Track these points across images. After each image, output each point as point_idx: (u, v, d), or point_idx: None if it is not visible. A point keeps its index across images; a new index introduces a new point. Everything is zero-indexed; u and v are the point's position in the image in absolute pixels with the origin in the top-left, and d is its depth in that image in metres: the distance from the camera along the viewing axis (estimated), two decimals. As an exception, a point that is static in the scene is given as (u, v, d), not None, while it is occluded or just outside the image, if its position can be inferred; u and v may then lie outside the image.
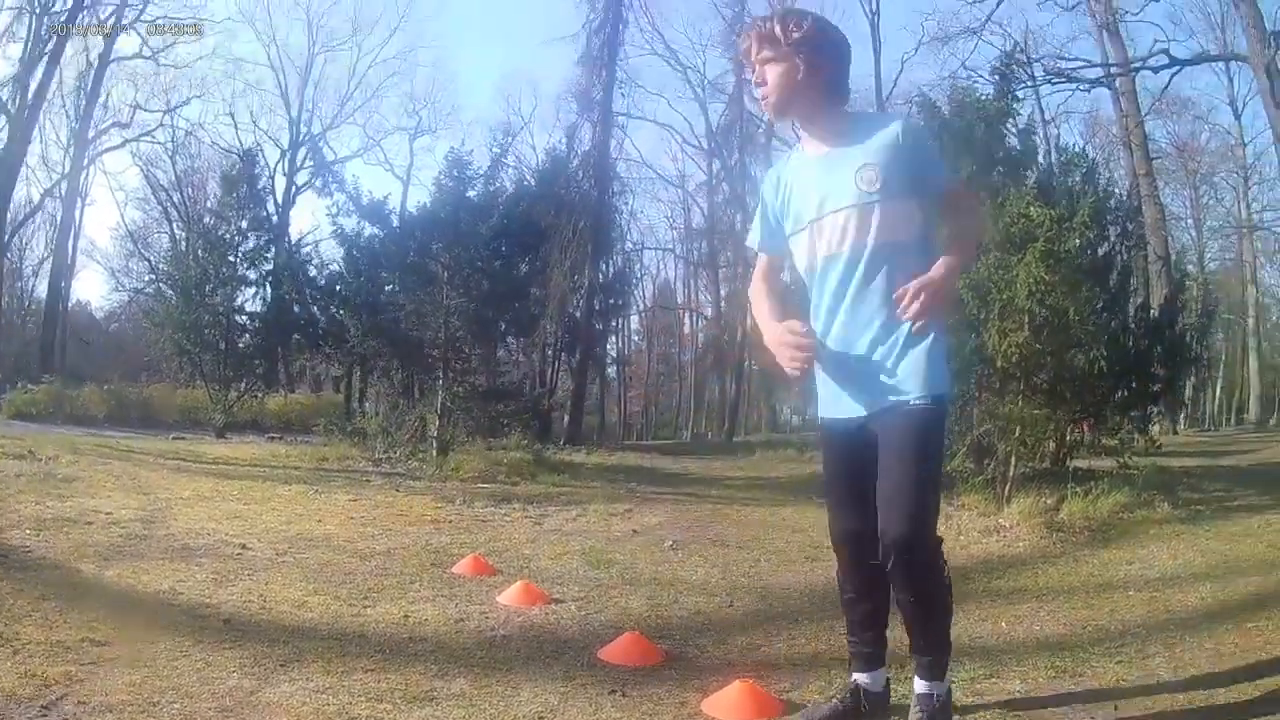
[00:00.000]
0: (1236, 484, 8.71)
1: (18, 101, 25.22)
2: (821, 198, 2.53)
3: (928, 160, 2.55)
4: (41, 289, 37.06)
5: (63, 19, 24.57)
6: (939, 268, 2.39)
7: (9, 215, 26.95)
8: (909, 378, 2.46)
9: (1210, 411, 35.38)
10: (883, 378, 2.48)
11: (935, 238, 2.60)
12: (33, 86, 25.05)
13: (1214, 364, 32.72)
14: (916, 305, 2.34)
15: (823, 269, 2.56)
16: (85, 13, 25.44)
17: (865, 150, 2.48)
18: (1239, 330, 34.22)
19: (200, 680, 2.83)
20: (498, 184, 12.92)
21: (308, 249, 20.13)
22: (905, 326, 2.42)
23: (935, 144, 2.78)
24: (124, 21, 27.30)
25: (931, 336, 2.45)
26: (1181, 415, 20.92)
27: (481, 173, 12.64)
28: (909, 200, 2.48)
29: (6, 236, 27.98)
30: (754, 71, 2.58)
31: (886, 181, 2.44)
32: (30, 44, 25.18)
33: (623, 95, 22.66)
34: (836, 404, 2.63)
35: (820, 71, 2.50)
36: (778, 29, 2.51)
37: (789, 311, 2.69)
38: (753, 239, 2.84)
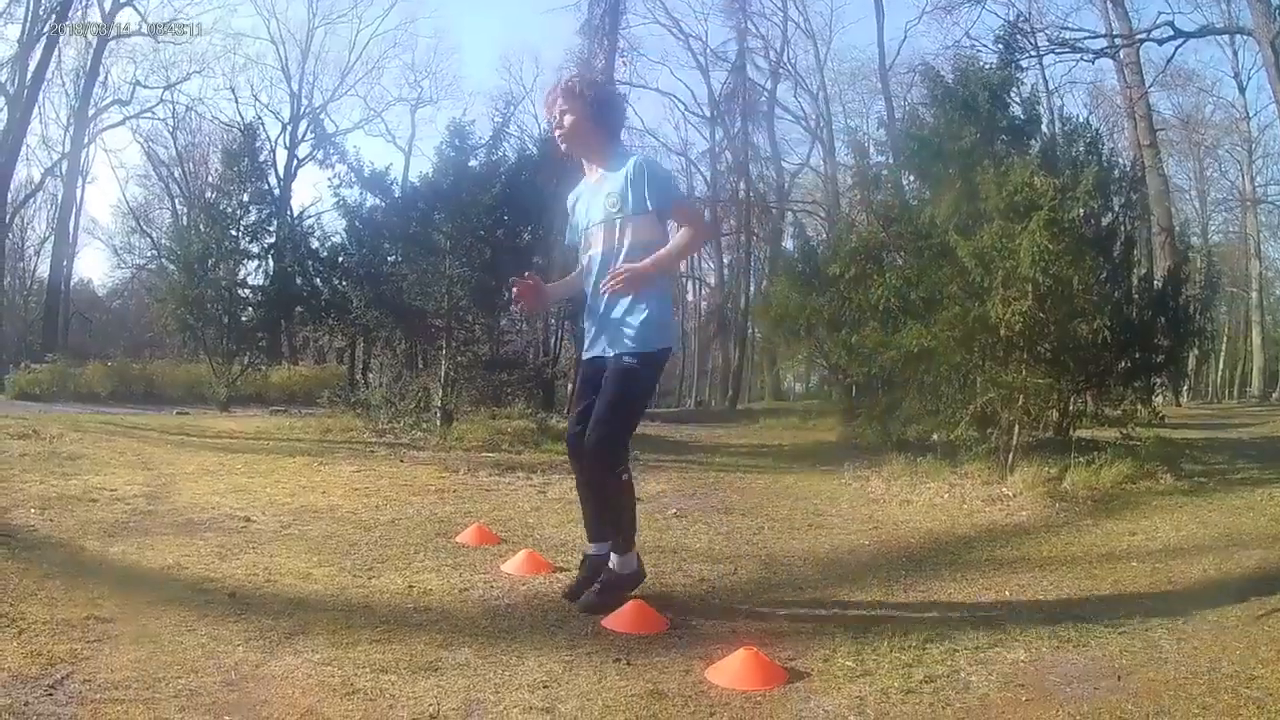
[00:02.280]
0: (1239, 457, 8.72)
1: (17, 81, 25.09)
2: (588, 214, 3.67)
3: (656, 188, 3.49)
4: (44, 268, 37.12)
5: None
6: (647, 260, 3.43)
7: (10, 195, 26.88)
8: (625, 340, 3.52)
9: (1213, 384, 35.35)
10: (612, 335, 3.57)
11: (666, 232, 3.59)
12: (32, 66, 24.92)
13: (1217, 337, 32.63)
14: (613, 282, 3.41)
15: (589, 263, 3.69)
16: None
17: (614, 180, 3.53)
18: (1242, 304, 34.19)
19: (206, 654, 2.84)
20: (500, 153, 12.76)
21: (310, 221, 20.06)
22: (638, 306, 3.50)
23: (665, 173, 3.70)
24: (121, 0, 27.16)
25: (647, 312, 3.50)
26: (1184, 387, 20.95)
27: (484, 142, 12.50)
28: (645, 216, 3.50)
29: (8, 216, 27.93)
30: (555, 118, 3.61)
31: (622, 205, 3.50)
32: (29, 23, 25.01)
33: (625, 64, 22.61)
34: (590, 349, 3.72)
35: (600, 122, 3.59)
36: (576, 88, 3.59)
37: (571, 286, 4.03)
38: (568, 239, 3.95)
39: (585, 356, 3.76)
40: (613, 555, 3.70)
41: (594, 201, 3.63)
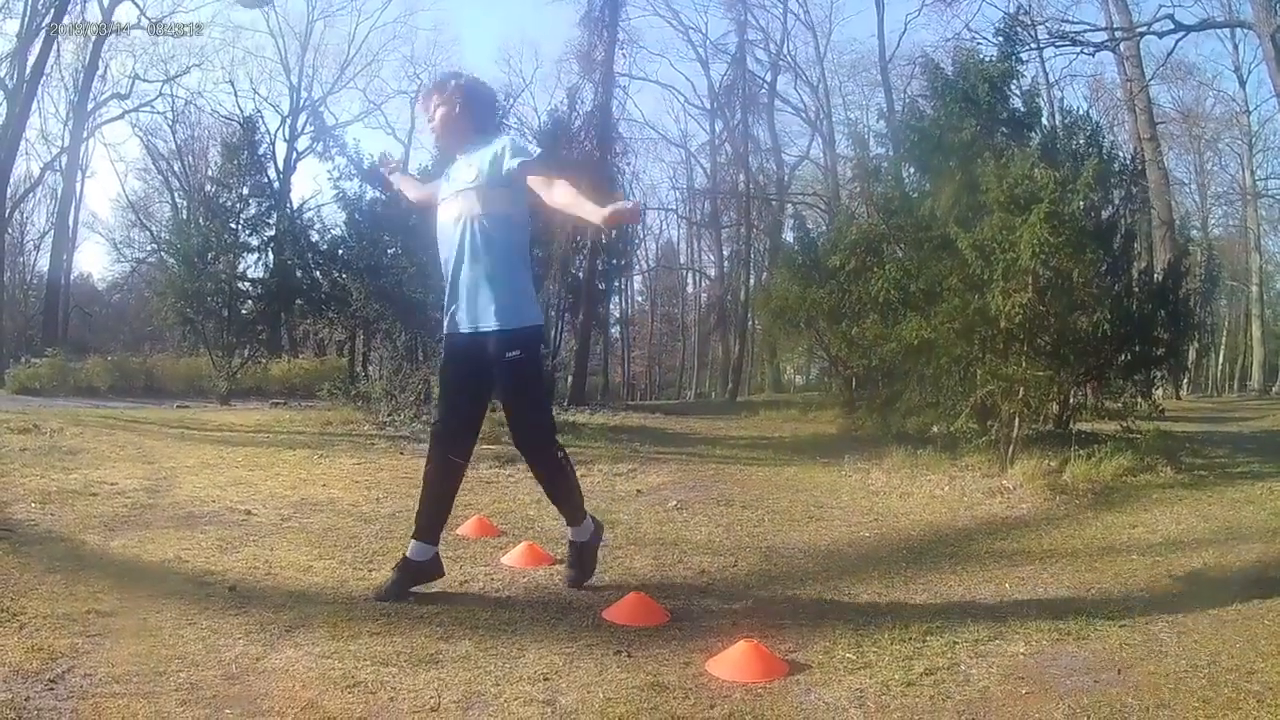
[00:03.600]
0: (1239, 450, 8.72)
1: (16, 76, 25.01)
2: (453, 184, 3.74)
3: (514, 151, 3.57)
4: (43, 263, 37.00)
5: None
6: (593, 207, 3.39)
7: (9, 190, 26.80)
8: (494, 315, 3.55)
9: (1213, 378, 35.34)
10: (481, 308, 3.59)
11: (524, 209, 3.70)
12: (31, 61, 24.80)
13: (1217, 330, 32.67)
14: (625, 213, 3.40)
15: (446, 231, 3.71)
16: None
17: (480, 156, 3.65)
18: (1242, 297, 34.13)
19: (206, 648, 2.84)
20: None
21: (309, 214, 20.01)
22: (502, 278, 3.59)
23: (529, 146, 3.73)
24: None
25: (513, 284, 3.62)
26: (1184, 380, 20.93)
27: (483, 135, 12.51)
28: (500, 188, 3.58)
29: (7, 211, 27.83)
30: (429, 111, 3.83)
31: (479, 175, 3.60)
32: (28, 18, 24.95)
33: (625, 56, 22.53)
34: (454, 324, 3.69)
35: (468, 113, 3.78)
36: (449, 83, 3.86)
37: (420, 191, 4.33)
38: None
39: (448, 330, 3.71)
40: (570, 530, 3.93)
41: (458, 174, 3.74)
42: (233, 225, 17.63)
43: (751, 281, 31.17)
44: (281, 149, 34.53)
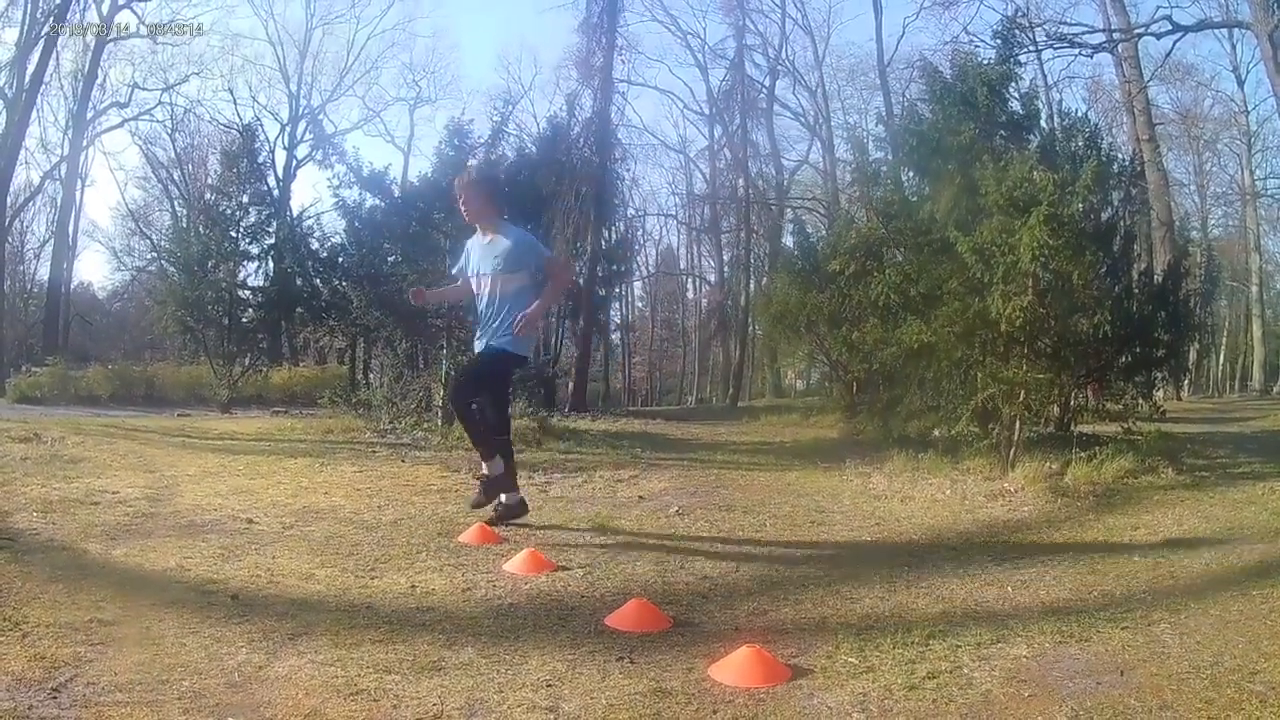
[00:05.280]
0: (1240, 451, 8.71)
1: (15, 85, 25.05)
2: (479, 264, 5.32)
3: (531, 253, 5.28)
4: (43, 271, 37.03)
5: (58, 1, 24.38)
6: (534, 305, 5.13)
7: (9, 199, 26.80)
8: (500, 340, 5.17)
9: (1214, 378, 35.30)
10: (491, 338, 5.22)
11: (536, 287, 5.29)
12: (30, 69, 24.84)
13: (1217, 331, 32.61)
14: (520, 323, 5.05)
15: (478, 299, 5.36)
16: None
17: (500, 245, 5.22)
18: (1242, 297, 34.11)
19: (209, 656, 2.85)
20: (499, 153, 12.78)
21: (309, 222, 20.09)
22: (509, 326, 5.09)
23: (534, 243, 5.39)
24: (120, 1, 27.13)
25: (511, 336, 5.11)
26: (1185, 382, 20.90)
27: (482, 141, 12.50)
28: (519, 272, 5.21)
29: (7, 220, 27.83)
30: (462, 198, 5.34)
31: (505, 265, 5.17)
32: (27, 26, 24.99)
33: (623, 62, 22.57)
34: (476, 343, 5.46)
35: (491, 200, 5.35)
36: (473, 176, 5.66)
37: (448, 294, 6.10)
38: (455, 269, 5.77)
39: (475, 347, 5.49)
40: (484, 465, 5.35)
41: (484, 256, 5.29)
42: (232, 233, 17.68)
43: (751, 286, 31.11)
44: (281, 157, 34.65)
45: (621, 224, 25.86)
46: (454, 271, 5.81)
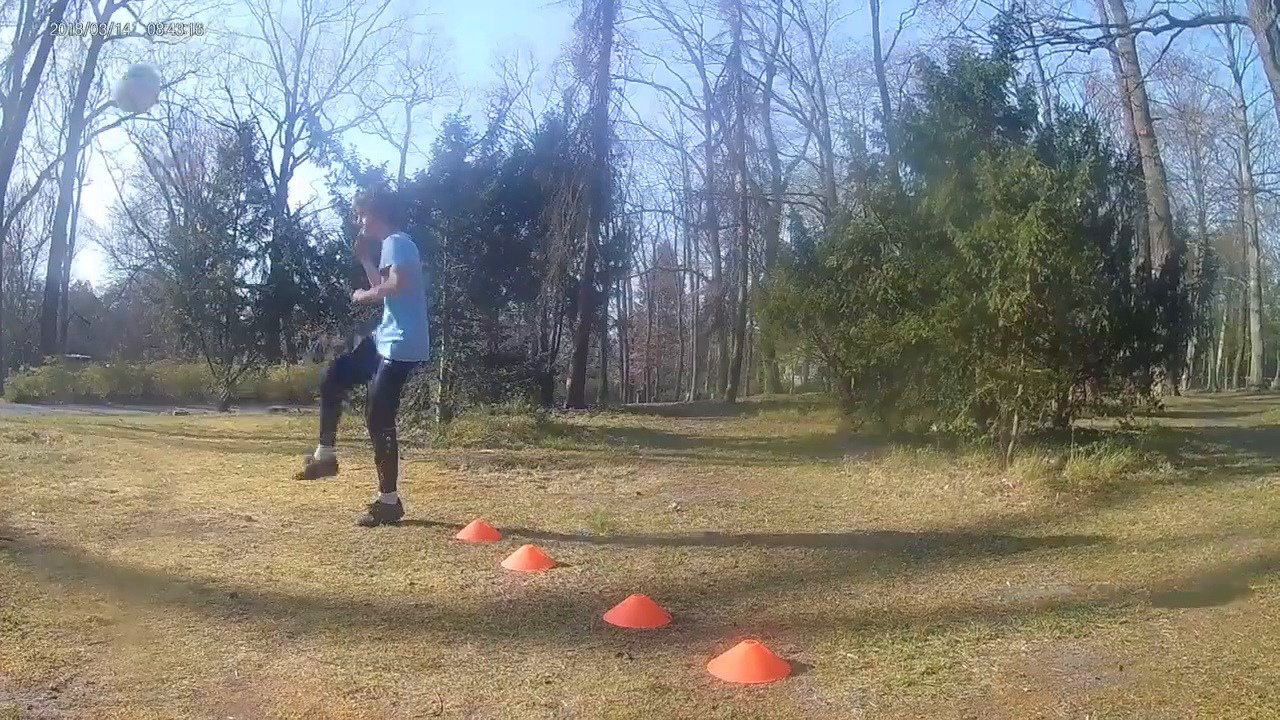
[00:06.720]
0: (1238, 445, 8.71)
1: (12, 84, 24.97)
2: (379, 265, 5.55)
3: (387, 257, 5.43)
4: (41, 271, 36.84)
5: (55, 0, 24.32)
6: (359, 293, 5.88)
7: (6, 198, 26.71)
8: (386, 348, 5.44)
9: (1212, 373, 35.33)
10: (381, 341, 5.50)
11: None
12: (26, 68, 24.75)
13: (1215, 325, 32.59)
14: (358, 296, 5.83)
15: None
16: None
17: (385, 248, 5.49)
18: (1240, 292, 34.10)
19: (208, 655, 2.85)
20: (496, 149, 12.82)
21: (307, 219, 20.14)
22: (393, 328, 5.46)
23: (398, 247, 5.48)
24: (116, 0, 27.10)
25: (401, 333, 5.44)
26: (1183, 376, 20.90)
27: (479, 138, 12.54)
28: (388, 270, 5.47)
29: (5, 219, 27.80)
30: (359, 219, 5.86)
31: (384, 262, 5.46)
32: (23, 25, 24.91)
33: (620, 58, 22.51)
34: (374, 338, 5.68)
35: (378, 215, 5.67)
36: (369, 201, 5.90)
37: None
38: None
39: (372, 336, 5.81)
40: (380, 494, 5.40)
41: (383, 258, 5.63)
42: (230, 231, 17.63)
43: (749, 282, 31.02)
44: (278, 154, 34.58)
45: (619, 220, 25.82)
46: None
